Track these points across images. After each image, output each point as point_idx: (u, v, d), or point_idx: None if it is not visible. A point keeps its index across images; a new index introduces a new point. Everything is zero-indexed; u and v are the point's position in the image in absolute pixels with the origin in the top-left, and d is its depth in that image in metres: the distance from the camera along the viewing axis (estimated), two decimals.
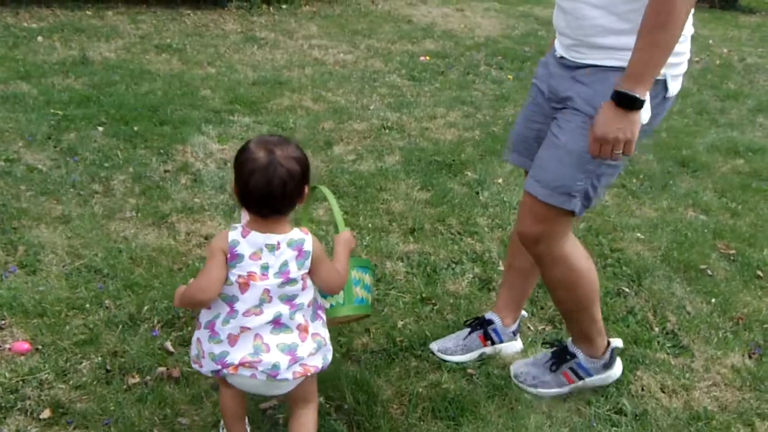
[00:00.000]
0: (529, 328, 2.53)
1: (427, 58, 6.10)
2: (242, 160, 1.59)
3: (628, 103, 1.67)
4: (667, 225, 3.37)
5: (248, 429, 1.94)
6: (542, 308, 2.65)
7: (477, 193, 3.53)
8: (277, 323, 1.64)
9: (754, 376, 2.36)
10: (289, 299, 1.64)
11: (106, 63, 5.04)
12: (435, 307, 2.60)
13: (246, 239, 1.60)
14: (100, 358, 2.17)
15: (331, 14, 7.51)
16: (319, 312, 1.76)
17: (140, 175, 3.38)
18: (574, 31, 1.88)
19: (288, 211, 1.64)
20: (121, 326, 2.32)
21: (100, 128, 3.86)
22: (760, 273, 3.02)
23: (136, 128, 3.89)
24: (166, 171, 3.47)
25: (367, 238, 3.00)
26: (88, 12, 6.52)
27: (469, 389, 2.20)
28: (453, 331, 2.44)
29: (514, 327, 2.40)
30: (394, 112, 4.61)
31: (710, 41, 7.98)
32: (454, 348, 2.38)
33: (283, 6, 7.57)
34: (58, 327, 2.28)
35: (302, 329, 1.68)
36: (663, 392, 2.26)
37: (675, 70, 1.81)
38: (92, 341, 2.23)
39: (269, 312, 1.63)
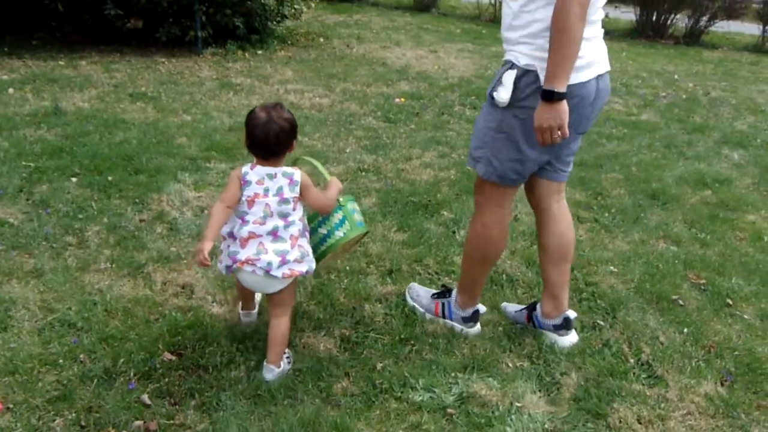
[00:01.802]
0: (507, 364, 2.54)
1: (402, 99, 6.19)
2: (249, 119, 2.27)
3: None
4: (640, 257, 3.42)
5: (257, 303, 2.69)
6: (520, 344, 2.66)
7: (453, 232, 3.57)
8: (275, 235, 2.28)
9: (727, 403, 2.39)
10: (284, 216, 2.29)
11: (80, 113, 5.05)
12: (414, 348, 2.61)
13: (253, 171, 2.29)
14: (74, 415, 2.14)
15: (306, 59, 7.61)
16: (306, 233, 2.40)
17: (115, 226, 3.37)
18: None
19: (281, 155, 2.30)
20: (96, 380, 2.30)
21: (74, 179, 3.86)
22: (729, 301, 3.07)
23: (110, 178, 3.89)
24: (141, 220, 3.47)
25: (345, 281, 3.01)
26: (60, 62, 6.56)
27: (449, 429, 2.20)
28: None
29: (554, 321, 2.65)
30: (370, 155, 4.66)
31: (676, 76, 8.19)
32: (512, 312, 2.85)
33: (259, 52, 7.67)
34: (31, 384, 2.25)
35: (293, 239, 2.31)
36: (640, 423, 2.28)
37: (544, 64, 2.12)
38: (66, 397, 2.20)
39: (270, 224, 2.27)
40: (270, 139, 2.23)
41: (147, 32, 7.72)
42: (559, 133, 2.13)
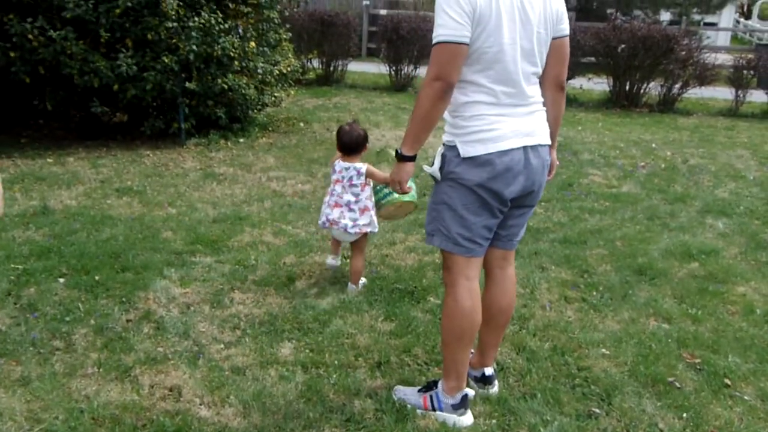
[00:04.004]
0: None
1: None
2: (339, 130, 3.79)
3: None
4: (631, 337, 3.39)
5: (340, 251, 4.06)
6: None
7: (440, 319, 3.53)
8: (349, 207, 3.74)
9: None
10: (355, 194, 3.74)
11: (67, 211, 5.07)
12: None
13: (339, 164, 3.76)
14: None
15: (287, 144, 7.72)
16: (372, 207, 3.79)
17: (102, 327, 3.34)
18: None
19: (357, 153, 3.76)
20: None
21: (61, 280, 3.84)
22: (727, 381, 3.02)
23: (97, 277, 3.87)
24: (128, 320, 3.44)
25: (334, 376, 2.97)
26: (49, 160, 6.62)
27: None
28: None
29: (452, 400, 2.69)
30: None
31: (653, 145, 8.36)
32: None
33: (241, 140, 7.78)
34: None
35: (362, 210, 3.76)
36: None
37: (463, 138, 2.45)
38: None
39: (346, 198, 3.75)
40: (351, 142, 3.72)
41: (132, 125, 7.85)
42: (399, 186, 2.57)
